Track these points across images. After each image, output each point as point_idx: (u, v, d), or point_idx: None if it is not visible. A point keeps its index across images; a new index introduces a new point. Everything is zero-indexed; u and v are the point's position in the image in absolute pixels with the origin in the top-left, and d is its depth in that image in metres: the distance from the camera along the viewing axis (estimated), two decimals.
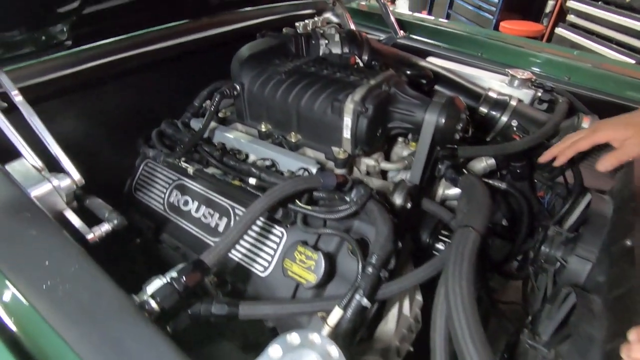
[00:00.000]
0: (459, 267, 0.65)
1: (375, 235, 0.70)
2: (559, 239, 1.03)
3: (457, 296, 0.61)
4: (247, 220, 0.63)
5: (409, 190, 0.87)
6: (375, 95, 0.87)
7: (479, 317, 0.58)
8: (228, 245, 0.60)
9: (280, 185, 0.69)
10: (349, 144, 0.89)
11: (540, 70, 1.44)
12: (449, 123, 0.87)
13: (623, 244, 0.73)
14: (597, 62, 1.41)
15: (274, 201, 0.67)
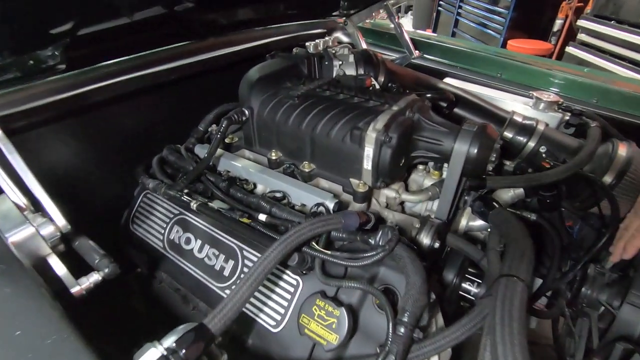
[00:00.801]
0: (509, 326, 0.55)
1: (406, 287, 0.60)
2: (602, 280, 0.93)
3: (507, 357, 0.51)
4: (258, 274, 0.53)
5: (437, 228, 0.78)
6: (400, 123, 0.79)
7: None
8: (237, 306, 0.51)
9: (296, 229, 0.60)
10: (370, 175, 0.81)
11: (565, 92, 1.36)
12: (482, 153, 0.78)
13: None
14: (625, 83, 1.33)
15: (290, 248, 0.58)
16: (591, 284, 0.92)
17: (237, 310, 0.51)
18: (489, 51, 1.51)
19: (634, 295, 0.75)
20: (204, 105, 1.10)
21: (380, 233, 0.65)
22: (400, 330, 0.56)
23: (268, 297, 0.69)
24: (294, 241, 0.58)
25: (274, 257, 0.55)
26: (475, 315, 0.64)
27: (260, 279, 0.53)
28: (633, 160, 1.03)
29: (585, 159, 0.98)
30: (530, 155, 1.14)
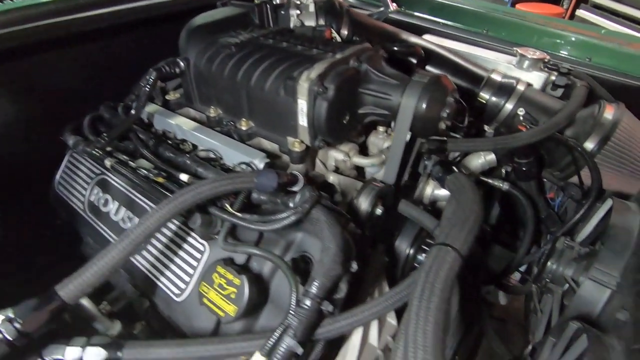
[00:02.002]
0: (427, 300, 0.47)
1: (320, 254, 0.53)
2: (570, 254, 0.84)
3: (418, 333, 0.44)
4: (135, 236, 0.46)
5: (379, 192, 0.70)
6: (339, 73, 0.69)
7: (441, 354, 0.42)
8: (101, 272, 0.44)
9: (192, 186, 0.52)
10: (306, 133, 0.72)
11: (557, 50, 1.23)
12: (432, 108, 0.68)
13: None
14: (625, 41, 1.19)
15: (182, 208, 0.50)
16: (558, 258, 0.83)
17: (100, 276, 0.44)
18: (476, 5, 1.36)
19: (597, 271, 0.66)
20: (154, 59, 1.00)
21: (299, 195, 0.57)
22: (305, 302, 0.49)
23: (174, 263, 0.63)
24: (187, 200, 0.51)
25: (157, 219, 0.48)
26: (402, 288, 0.56)
27: (137, 242, 0.46)
28: (619, 125, 0.92)
29: (562, 121, 0.87)
30: (508, 118, 1.03)
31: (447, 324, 0.46)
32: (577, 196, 1.05)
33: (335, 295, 0.55)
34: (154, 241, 0.65)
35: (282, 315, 0.55)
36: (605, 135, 0.92)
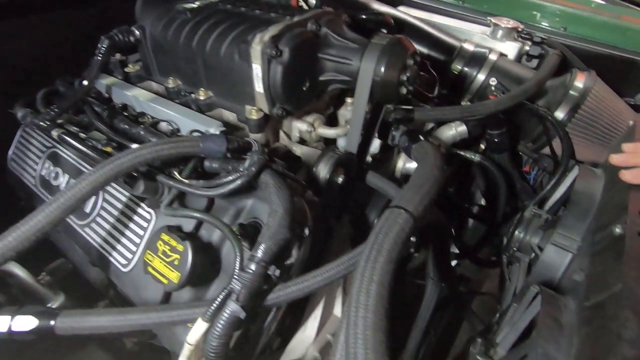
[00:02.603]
0: (373, 261, 0.46)
1: (268, 218, 0.51)
2: (537, 223, 0.84)
3: (361, 292, 0.43)
4: (62, 202, 0.44)
5: (338, 160, 0.68)
6: (295, 35, 0.66)
7: (384, 322, 0.40)
8: (21, 237, 0.41)
9: (129, 150, 0.49)
10: (264, 100, 0.69)
11: (533, 20, 1.20)
12: (391, 71, 0.66)
13: (610, 232, 0.53)
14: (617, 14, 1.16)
15: (118, 170, 0.48)
16: (526, 227, 0.83)
17: (23, 240, 0.42)
18: None
19: (560, 236, 0.66)
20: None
21: (248, 159, 0.55)
22: (250, 266, 0.48)
23: (122, 234, 0.60)
24: (124, 163, 0.48)
25: (90, 182, 0.46)
26: (355, 253, 0.55)
27: (66, 206, 0.44)
28: (590, 93, 0.91)
29: (530, 89, 0.86)
30: (480, 89, 1.02)
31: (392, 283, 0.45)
32: (550, 168, 1.04)
33: (286, 261, 0.53)
34: (104, 213, 0.63)
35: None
36: (576, 103, 0.91)
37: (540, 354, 0.45)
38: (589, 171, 0.75)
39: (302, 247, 0.56)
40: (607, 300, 0.45)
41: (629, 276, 0.43)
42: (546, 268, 0.67)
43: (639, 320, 0.37)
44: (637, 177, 0.55)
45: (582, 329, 0.45)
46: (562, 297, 0.55)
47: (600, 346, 0.40)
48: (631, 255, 0.46)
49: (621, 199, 0.58)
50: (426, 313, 1.00)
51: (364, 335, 0.39)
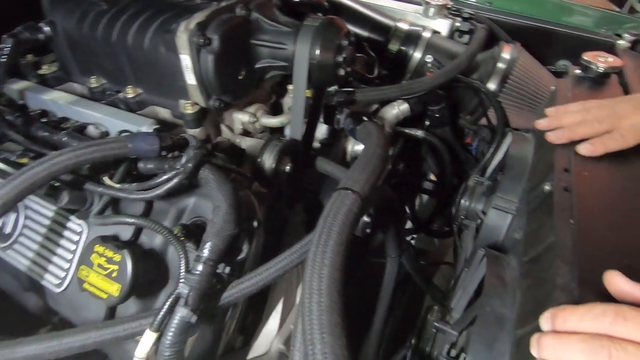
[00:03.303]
0: (324, 242, 0.45)
1: (212, 215, 0.48)
2: (480, 190, 0.88)
3: (314, 277, 0.42)
4: None
5: (283, 148, 0.66)
6: (223, 21, 0.62)
7: (338, 304, 0.40)
8: None
9: (49, 156, 0.44)
10: (198, 92, 0.65)
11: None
12: (326, 53, 0.65)
13: (541, 190, 0.57)
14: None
15: (32, 183, 0.43)
16: (470, 195, 0.87)
17: None
18: None
19: (499, 199, 0.70)
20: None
21: (185, 155, 0.52)
22: (197, 267, 0.45)
23: (51, 252, 0.55)
24: (38, 174, 0.43)
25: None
26: (307, 239, 0.54)
27: None
28: (516, 63, 0.96)
29: (463, 62, 0.89)
30: (418, 67, 1.04)
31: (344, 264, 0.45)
32: (488, 137, 1.10)
33: (237, 257, 0.51)
34: (28, 232, 0.56)
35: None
36: (504, 74, 0.96)
37: (488, 312, 0.47)
38: (520, 136, 0.79)
39: (253, 241, 0.54)
40: (542, 253, 0.48)
41: (559, 228, 0.46)
42: (490, 231, 0.71)
43: (568, 267, 0.40)
44: (560, 137, 0.59)
45: (522, 283, 0.48)
46: (505, 256, 0.58)
47: (538, 296, 0.43)
48: (559, 209, 0.49)
49: (549, 159, 0.62)
50: (388, 290, 1.03)
51: (319, 320, 0.39)
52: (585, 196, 0.51)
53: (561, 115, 0.63)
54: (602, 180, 0.55)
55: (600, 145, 0.56)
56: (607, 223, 0.47)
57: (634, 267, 0.41)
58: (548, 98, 0.92)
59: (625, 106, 0.59)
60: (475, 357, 0.44)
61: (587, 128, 0.58)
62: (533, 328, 0.40)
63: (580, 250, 0.42)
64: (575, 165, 0.56)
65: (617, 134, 0.56)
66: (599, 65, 0.77)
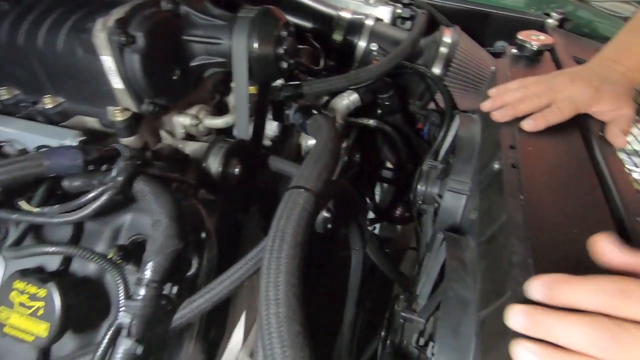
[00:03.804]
0: (278, 247, 0.42)
1: (152, 231, 0.44)
2: (434, 174, 0.90)
3: (270, 287, 0.39)
4: None
5: (229, 150, 0.62)
6: (147, 17, 0.57)
7: (297, 312, 0.38)
8: None
9: None
10: (127, 97, 0.59)
11: None
12: (265, 46, 0.61)
13: (491, 168, 0.58)
14: None
15: None
16: (426, 179, 0.88)
17: None
18: None
19: (453, 181, 0.70)
20: None
21: (115, 168, 0.46)
22: (140, 292, 0.41)
23: None
24: None
25: None
26: (262, 245, 0.51)
27: None
28: (458, 46, 0.98)
29: (407, 48, 0.89)
30: (365, 56, 1.03)
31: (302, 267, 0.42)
32: (438, 121, 1.12)
33: (187, 273, 0.47)
34: None
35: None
36: (447, 58, 0.98)
37: (451, 297, 0.47)
38: (467, 118, 0.81)
39: (204, 253, 0.50)
40: (497, 232, 0.48)
41: (510, 206, 0.46)
42: (447, 214, 0.72)
43: (522, 244, 0.40)
44: (505, 116, 0.60)
45: (481, 263, 0.48)
46: (463, 238, 0.59)
47: (497, 276, 0.43)
48: (509, 186, 0.49)
49: (495, 138, 0.63)
50: (356, 282, 1.02)
51: (278, 333, 0.36)
52: (532, 171, 0.52)
53: (503, 94, 0.65)
54: (546, 153, 0.57)
55: (541, 120, 0.57)
56: (554, 195, 0.49)
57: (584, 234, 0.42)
58: (489, 78, 0.94)
59: (560, 80, 0.61)
60: (442, 343, 0.43)
61: (528, 104, 0.59)
62: (495, 308, 0.40)
63: (532, 226, 0.42)
64: (520, 142, 0.57)
65: (556, 108, 0.58)
66: (533, 43, 0.80)
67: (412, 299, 0.64)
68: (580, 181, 0.51)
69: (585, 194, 0.49)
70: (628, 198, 0.48)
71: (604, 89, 0.57)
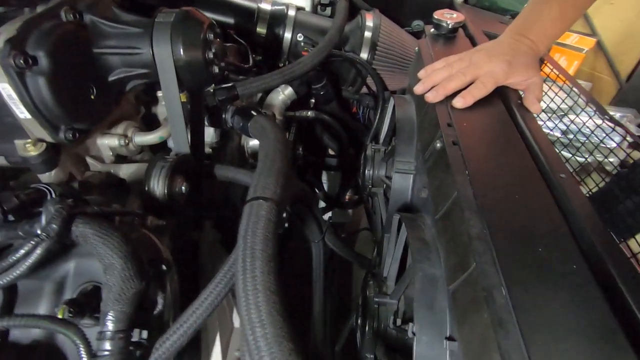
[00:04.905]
0: (250, 266, 0.41)
1: (105, 277, 0.39)
2: (379, 157, 0.93)
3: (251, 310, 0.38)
4: None
5: (171, 168, 0.57)
6: (47, 32, 0.49)
7: (284, 328, 0.37)
8: None
9: None
10: (38, 126, 0.51)
11: None
12: (192, 51, 0.57)
13: (434, 147, 0.61)
14: None
15: None
16: (371, 163, 0.90)
17: None
18: None
19: (399, 163, 0.73)
20: None
21: (43, 214, 0.40)
22: (105, 347, 0.36)
23: None
24: None
25: None
26: (229, 264, 0.49)
27: None
28: (380, 29, 1.01)
29: (335, 36, 0.89)
30: (292, 47, 1.01)
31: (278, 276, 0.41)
32: (371, 104, 1.16)
33: (154, 312, 0.43)
34: None
35: None
36: (373, 42, 1.00)
37: (421, 277, 0.50)
38: (402, 100, 0.84)
39: (167, 286, 0.46)
40: (450, 208, 0.52)
41: (458, 182, 0.50)
42: (398, 194, 0.75)
43: (477, 216, 0.44)
44: (437, 96, 0.64)
45: (441, 240, 0.51)
46: (419, 216, 0.62)
47: (459, 249, 0.46)
48: (454, 163, 0.53)
49: (432, 117, 0.67)
50: (319, 273, 1.03)
51: (270, 355, 0.35)
52: (470, 145, 0.56)
53: (431, 75, 0.68)
54: (478, 127, 0.62)
55: (469, 97, 0.62)
56: (492, 165, 0.53)
57: (524, 198, 0.46)
58: (415, 58, 0.99)
59: (479, 56, 0.66)
60: (421, 321, 0.46)
61: (455, 82, 0.63)
62: (463, 280, 0.43)
63: (481, 198, 0.45)
64: (455, 119, 0.61)
65: (480, 83, 0.63)
66: (448, 22, 0.85)
67: (381, 282, 0.67)
68: (510, 149, 0.57)
69: (517, 160, 0.54)
70: (551, 158, 0.54)
71: (516, 61, 0.64)
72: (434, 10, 0.87)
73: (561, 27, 0.66)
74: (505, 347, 0.32)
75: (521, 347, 0.32)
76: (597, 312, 0.33)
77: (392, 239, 0.69)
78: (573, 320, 0.33)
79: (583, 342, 0.31)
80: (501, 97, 0.66)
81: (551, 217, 0.43)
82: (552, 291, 0.36)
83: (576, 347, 0.31)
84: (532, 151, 0.57)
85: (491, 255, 0.40)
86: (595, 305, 0.34)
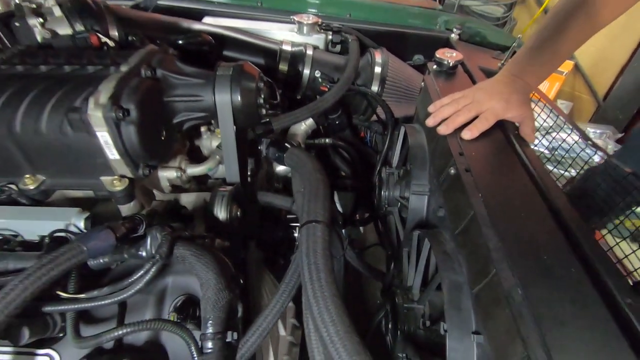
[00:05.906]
0: (317, 281, 0.51)
1: (202, 290, 0.48)
2: (393, 180, 1.04)
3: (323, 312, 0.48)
4: None
5: (231, 196, 0.67)
6: (135, 88, 0.59)
7: (351, 325, 0.47)
8: None
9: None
10: (124, 165, 0.61)
11: (323, 11, 1.38)
12: (247, 98, 0.68)
13: (448, 173, 0.73)
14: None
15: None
16: (386, 185, 1.01)
17: None
18: None
19: (415, 185, 0.84)
20: None
21: (148, 239, 0.50)
22: (208, 346, 0.46)
23: None
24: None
25: None
26: (290, 277, 0.58)
27: None
28: (388, 65, 1.14)
29: (352, 74, 1.02)
30: (310, 83, 1.13)
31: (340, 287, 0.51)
32: (380, 130, 1.28)
33: (235, 319, 0.53)
34: None
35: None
36: (382, 76, 1.13)
37: (447, 284, 0.60)
38: (412, 129, 0.96)
39: (242, 297, 0.56)
40: (468, 225, 0.62)
41: (475, 203, 0.61)
42: (415, 213, 0.86)
43: (493, 231, 0.55)
44: (447, 129, 0.76)
45: (462, 252, 0.62)
46: (438, 232, 0.73)
47: (479, 258, 0.57)
48: (468, 187, 0.64)
49: (444, 146, 0.78)
50: (340, 286, 1.12)
51: (343, 347, 0.45)
52: (480, 171, 0.67)
53: (440, 110, 0.80)
54: (485, 155, 0.74)
55: (475, 130, 0.74)
56: (499, 188, 0.64)
57: (528, 215, 0.57)
58: (421, 91, 1.12)
59: (481, 94, 0.78)
60: (452, 320, 0.56)
61: (462, 117, 0.75)
62: (485, 284, 0.54)
63: (493, 216, 0.56)
64: (465, 149, 0.72)
65: (483, 118, 0.75)
66: (449, 60, 0.98)
67: (406, 291, 0.77)
68: (512, 173, 0.68)
69: (518, 182, 0.66)
70: (545, 179, 0.66)
71: (512, 99, 0.76)
72: (432, 45, 1.01)
73: (549, 70, 0.79)
74: (525, 333, 0.43)
75: (537, 332, 0.42)
76: (591, 304, 0.44)
77: (413, 252, 0.79)
78: (573, 310, 0.44)
79: (582, 326, 0.42)
80: (501, 129, 0.78)
81: (549, 230, 0.54)
82: (556, 289, 0.47)
83: (578, 329, 0.42)
84: (529, 172, 0.69)
85: (507, 263, 0.51)
86: (589, 299, 0.45)
